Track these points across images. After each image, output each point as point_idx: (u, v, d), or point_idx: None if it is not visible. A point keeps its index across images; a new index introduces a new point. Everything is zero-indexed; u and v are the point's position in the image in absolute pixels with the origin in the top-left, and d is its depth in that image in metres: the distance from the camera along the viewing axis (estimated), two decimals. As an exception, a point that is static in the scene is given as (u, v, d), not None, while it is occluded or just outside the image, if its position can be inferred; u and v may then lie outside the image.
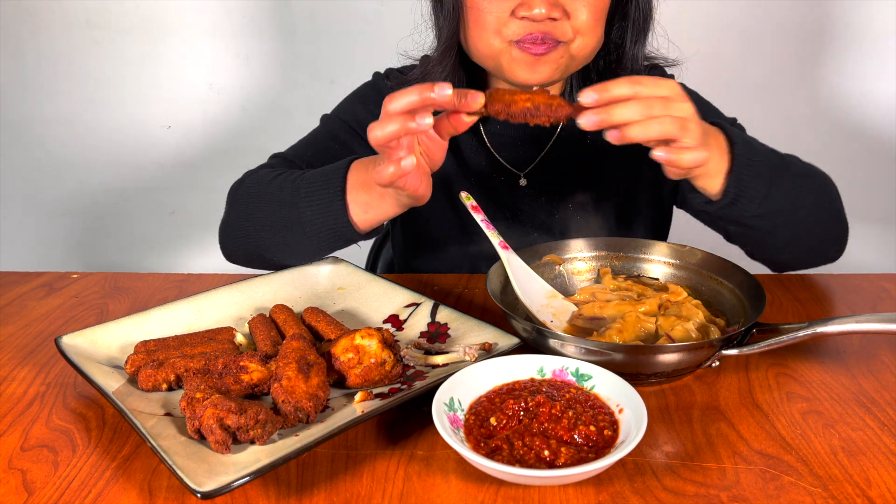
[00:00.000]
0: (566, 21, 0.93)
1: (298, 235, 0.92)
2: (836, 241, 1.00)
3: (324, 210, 0.90)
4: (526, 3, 0.91)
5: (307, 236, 0.92)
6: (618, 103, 0.70)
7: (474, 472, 0.62)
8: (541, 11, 0.90)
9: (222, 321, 0.87)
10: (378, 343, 0.72)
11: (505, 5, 0.93)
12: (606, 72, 1.08)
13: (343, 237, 0.92)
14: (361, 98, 1.17)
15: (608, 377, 0.68)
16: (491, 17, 0.94)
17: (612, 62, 1.07)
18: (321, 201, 0.90)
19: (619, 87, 0.70)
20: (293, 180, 0.94)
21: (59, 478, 0.62)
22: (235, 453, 0.61)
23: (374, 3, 2.07)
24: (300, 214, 0.91)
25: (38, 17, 2.13)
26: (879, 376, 0.78)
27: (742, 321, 0.81)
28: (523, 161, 1.13)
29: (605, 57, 1.07)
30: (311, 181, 0.92)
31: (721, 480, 0.61)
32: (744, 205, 0.86)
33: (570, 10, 0.93)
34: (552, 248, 0.97)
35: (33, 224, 2.36)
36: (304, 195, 0.91)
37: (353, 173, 0.89)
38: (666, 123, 0.71)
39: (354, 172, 0.89)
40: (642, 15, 1.03)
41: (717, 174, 0.84)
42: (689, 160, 0.74)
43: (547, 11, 0.91)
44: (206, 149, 2.26)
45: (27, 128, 2.26)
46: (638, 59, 1.06)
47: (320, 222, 0.90)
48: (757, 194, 0.86)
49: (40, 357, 0.84)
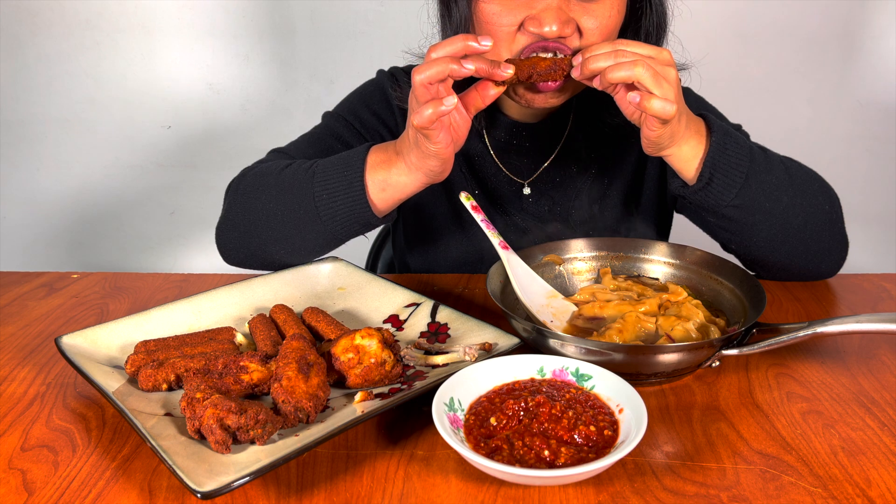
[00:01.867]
0: (577, 38, 0.90)
1: (311, 222, 0.92)
2: (831, 252, 0.99)
3: (343, 191, 0.90)
4: (537, 18, 0.87)
5: (322, 221, 0.92)
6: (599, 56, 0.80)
7: (474, 472, 0.62)
8: (552, 29, 0.86)
9: (222, 321, 0.87)
10: (378, 343, 0.72)
11: (515, 19, 0.89)
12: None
13: (360, 219, 0.92)
14: (365, 97, 1.16)
15: (608, 377, 0.68)
16: (501, 31, 0.90)
17: None
18: (339, 183, 0.91)
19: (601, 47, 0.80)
20: (307, 168, 0.95)
21: (59, 478, 0.62)
22: (235, 453, 0.61)
23: (374, 3, 2.07)
24: (315, 198, 0.91)
25: (38, 17, 2.13)
26: (879, 376, 0.78)
27: (742, 321, 0.81)
28: (527, 170, 1.13)
29: None
30: (326, 166, 0.93)
31: (721, 480, 0.61)
32: (717, 191, 0.87)
33: (583, 28, 0.89)
34: (552, 248, 0.97)
35: (33, 224, 2.37)
36: (320, 179, 0.92)
37: (373, 154, 0.91)
38: (637, 67, 0.76)
39: (374, 154, 0.91)
40: (656, 29, 1.00)
41: (693, 158, 0.87)
42: (656, 107, 0.77)
43: (559, 30, 0.87)
44: (206, 149, 2.26)
45: (27, 128, 2.26)
46: None
47: (338, 204, 0.91)
48: (732, 183, 0.87)
49: (40, 357, 0.84)
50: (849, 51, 2.06)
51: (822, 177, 0.99)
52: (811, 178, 0.97)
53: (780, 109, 2.09)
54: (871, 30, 2.03)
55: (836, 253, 1.00)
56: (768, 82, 2.09)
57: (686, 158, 0.87)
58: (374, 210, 0.91)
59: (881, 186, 2.15)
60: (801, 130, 2.11)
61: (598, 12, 0.89)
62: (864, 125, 2.13)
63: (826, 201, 0.96)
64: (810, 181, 0.96)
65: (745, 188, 0.88)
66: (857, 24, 2.03)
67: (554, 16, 0.86)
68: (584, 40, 0.90)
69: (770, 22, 2.03)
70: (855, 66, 2.08)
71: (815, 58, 2.06)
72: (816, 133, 2.12)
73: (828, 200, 0.97)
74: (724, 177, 0.87)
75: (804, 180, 0.95)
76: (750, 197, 0.88)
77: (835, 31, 2.04)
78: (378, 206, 0.91)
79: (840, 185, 1.00)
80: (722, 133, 0.88)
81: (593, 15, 0.89)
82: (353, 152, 0.93)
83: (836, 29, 2.04)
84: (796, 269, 1.00)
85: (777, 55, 2.07)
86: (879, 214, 2.15)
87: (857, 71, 2.08)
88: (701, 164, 0.87)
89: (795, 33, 2.04)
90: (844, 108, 2.12)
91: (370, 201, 0.90)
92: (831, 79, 2.09)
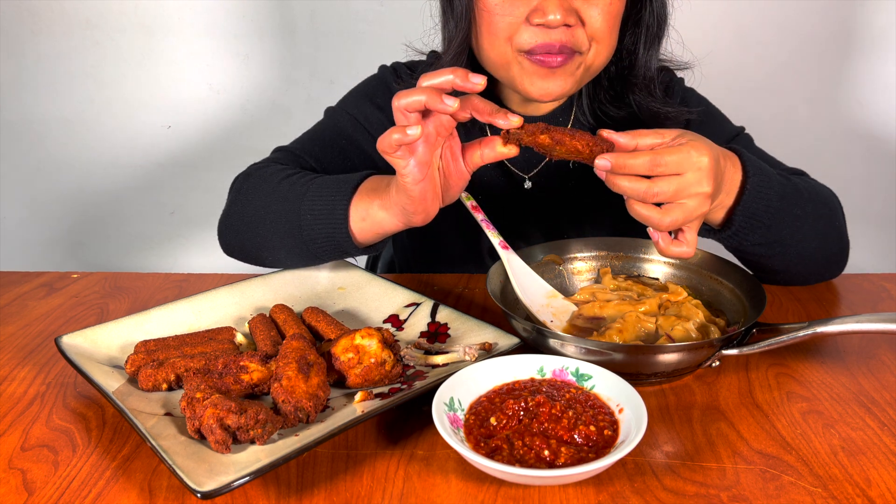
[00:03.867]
0: (581, 28, 0.90)
1: (293, 238, 0.91)
2: (837, 260, 1.00)
3: (326, 216, 0.88)
4: (540, 8, 0.87)
5: (303, 240, 0.90)
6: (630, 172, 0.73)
7: (474, 472, 0.62)
8: (556, 17, 0.86)
9: (222, 321, 0.87)
10: (378, 343, 0.73)
11: (518, 11, 0.89)
12: (618, 78, 1.06)
13: (339, 247, 0.89)
14: (369, 93, 1.14)
15: (608, 377, 0.68)
16: (503, 22, 0.90)
17: (624, 68, 1.04)
18: (324, 207, 0.88)
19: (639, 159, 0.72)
20: (304, 182, 0.92)
21: (59, 478, 0.62)
22: (235, 453, 0.61)
23: (374, 3, 2.07)
24: (300, 217, 0.89)
25: (38, 17, 2.13)
26: (879, 376, 0.78)
27: (742, 321, 0.81)
28: (529, 164, 1.13)
29: (617, 63, 1.04)
30: (320, 185, 0.90)
31: (721, 480, 0.61)
32: (744, 235, 0.86)
33: (585, 16, 0.89)
34: (552, 248, 0.97)
35: (33, 224, 2.37)
36: (309, 199, 0.89)
37: (367, 183, 0.88)
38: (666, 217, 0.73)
39: (369, 182, 0.88)
40: (657, 21, 1.00)
41: (720, 209, 0.84)
42: (675, 252, 0.76)
43: (562, 18, 0.86)
44: (206, 149, 2.26)
45: (27, 128, 2.26)
46: (651, 66, 1.03)
47: (319, 227, 0.88)
48: (760, 225, 0.85)
49: (40, 357, 0.84)
50: (849, 51, 2.06)
51: (829, 189, 0.99)
52: (824, 198, 0.96)
53: (780, 109, 2.09)
54: (871, 30, 2.03)
55: (840, 261, 1.01)
56: (768, 82, 2.09)
57: (714, 210, 0.84)
58: (354, 240, 0.88)
59: (881, 186, 2.15)
60: (800, 130, 2.11)
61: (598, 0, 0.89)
62: (864, 125, 2.13)
63: (836, 218, 0.97)
64: (824, 203, 0.96)
65: (770, 229, 0.86)
66: (857, 24, 2.03)
67: (556, 4, 0.86)
68: (587, 29, 0.90)
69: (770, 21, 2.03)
70: (855, 66, 2.07)
71: (815, 57, 2.06)
72: (816, 133, 2.11)
73: (838, 218, 0.97)
74: (754, 225, 0.85)
75: (819, 202, 0.94)
76: (775, 236, 0.88)
77: (835, 31, 2.04)
78: (357, 238, 0.88)
79: (840, 185, 1.00)
80: (758, 179, 0.83)
81: (594, 3, 0.89)
82: (349, 177, 0.90)
83: (836, 29, 2.04)
84: (802, 279, 1.01)
85: (777, 55, 2.06)
86: (879, 214, 2.15)
87: (857, 71, 2.08)
88: (730, 213, 0.84)
89: (796, 33, 2.04)
90: (844, 108, 2.12)
91: (350, 231, 0.87)
92: (831, 79, 2.09)
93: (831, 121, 2.12)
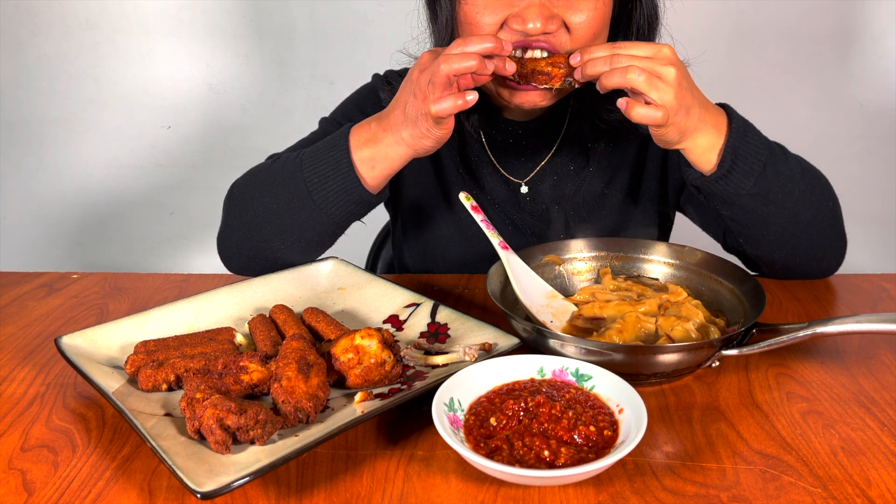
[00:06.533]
0: (564, 33, 0.90)
1: (306, 209, 0.93)
2: (832, 250, 0.99)
3: (332, 171, 0.91)
4: (520, 15, 0.87)
5: (316, 205, 0.92)
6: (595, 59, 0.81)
7: (474, 472, 0.62)
8: (535, 26, 0.86)
9: (222, 321, 0.87)
10: (378, 343, 0.72)
11: (497, 18, 0.89)
12: None
13: (353, 197, 0.92)
14: (359, 101, 1.17)
15: (608, 377, 0.68)
16: (483, 30, 0.90)
17: None
18: (328, 164, 0.91)
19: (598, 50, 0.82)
20: (294, 158, 0.95)
21: (59, 478, 0.62)
22: (235, 453, 0.61)
23: (374, 4, 2.07)
24: (307, 183, 0.92)
25: (38, 18, 2.13)
26: (879, 376, 0.78)
27: (742, 321, 0.81)
28: (524, 169, 1.13)
29: None
30: (313, 152, 0.94)
31: (721, 480, 0.61)
32: (736, 179, 0.87)
33: (570, 23, 0.89)
34: (552, 248, 0.97)
35: (33, 224, 2.37)
36: (308, 164, 0.93)
37: (356, 134, 0.91)
38: (630, 73, 0.78)
39: (356, 133, 0.91)
40: (647, 22, 1.00)
41: (710, 149, 0.86)
42: (640, 114, 0.79)
43: (542, 26, 0.86)
44: (206, 149, 2.27)
45: (27, 128, 2.26)
46: None
47: (329, 185, 0.91)
48: (751, 170, 0.86)
49: (40, 357, 0.84)
50: (849, 51, 2.06)
51: (825, 175, 0.99)
52: (817, 175, 0.97)
53: (779, 109, 2.09)
54: (871, 30, 2.03)
55: (836, 251, 1.00)
56: (767, 82, 2.09)
57: (703, 150, 0.86)
58: (366, 186, 0.92)
59: (881, 186, 2.15)
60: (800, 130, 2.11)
61: (582, 6, 0.89)
62: (864, 125, 2.13)
63: (830, 199, 0.97)
64: (817, 178, 0.96)
65: (762, 177, 0.87)
66: (857, 24, 2.03)
67: (537, 12, 0.86)
68: (573, 36, 0.90)
69: (769, 21, 2.03)
70: (855, 66, 2.07)
71: (814, 57, 2.06)
72: (816, 133, 2.12)
73: (831, 198, 0.97)
74: (744, 164, 0.86)
75: (813, 175, 0.95)
76: (767, 186, 0.88)
77: (835, 31, 2.04)
78: (369, 183, 0.92)
79: (840, 185, 0.99)
80: (742, 121, 0.88)
81: (578, 9, 0.89)
82: (336, 134, 0.94)
83: (836, 29, 2.04)
84: (799, 266, 1.00)
85: (776, 55, 2.07)
86: (879, 214, 2.15)
87: (857, 71, 2.08)
88: (721, 153, 0.86)
89: (795, 33, 2.04)
90: (844, 108, 2.12)
91: (360, 177, 0.91)
92: (831, 79, 2.09)
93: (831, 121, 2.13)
